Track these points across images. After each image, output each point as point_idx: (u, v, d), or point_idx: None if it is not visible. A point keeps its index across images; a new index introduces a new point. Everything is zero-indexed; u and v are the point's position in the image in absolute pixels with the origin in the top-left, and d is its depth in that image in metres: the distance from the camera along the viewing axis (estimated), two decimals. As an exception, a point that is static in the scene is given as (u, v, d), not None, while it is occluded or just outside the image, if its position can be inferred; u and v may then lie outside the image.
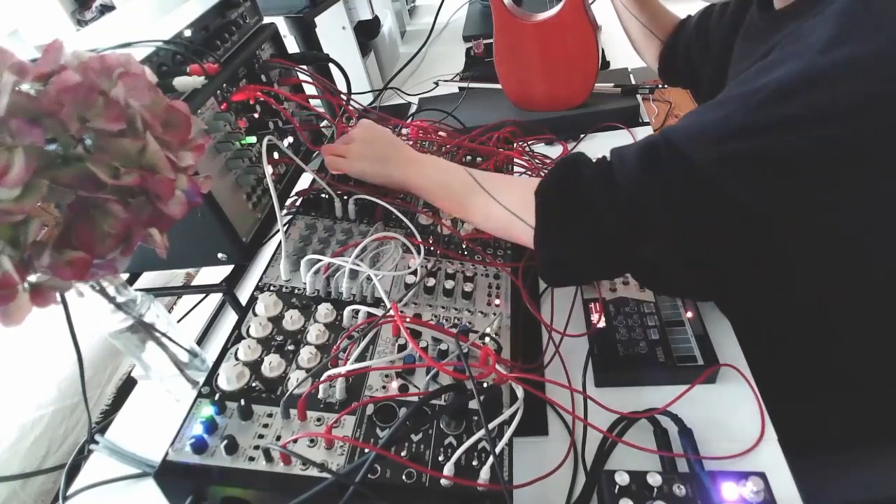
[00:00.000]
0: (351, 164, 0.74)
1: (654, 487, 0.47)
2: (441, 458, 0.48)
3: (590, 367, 0.64)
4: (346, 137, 0.77)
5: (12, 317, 0.36)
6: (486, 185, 0.63)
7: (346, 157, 0.74)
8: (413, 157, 0.73)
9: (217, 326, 0.82)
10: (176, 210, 0.43)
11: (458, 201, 0.68)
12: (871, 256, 0.56)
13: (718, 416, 0.58)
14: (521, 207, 0.59)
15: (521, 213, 0.58)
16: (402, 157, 0.73)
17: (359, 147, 0.74)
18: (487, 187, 0.63)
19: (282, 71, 0.85)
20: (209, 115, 0.66)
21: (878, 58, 0.43)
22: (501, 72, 1.07)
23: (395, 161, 0.73)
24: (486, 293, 0.66)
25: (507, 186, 0.64)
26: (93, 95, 0.37)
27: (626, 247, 0.51)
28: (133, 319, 0.57)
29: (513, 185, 0.67)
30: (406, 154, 0.74)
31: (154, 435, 0.63)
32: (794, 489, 0.51)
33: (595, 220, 0.52)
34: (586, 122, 1.05)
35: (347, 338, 0.57)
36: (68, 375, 0.74)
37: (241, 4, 0.77)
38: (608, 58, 1.24)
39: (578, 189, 0.54)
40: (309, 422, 0.50)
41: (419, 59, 1.45)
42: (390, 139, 0.76)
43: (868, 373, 0.68)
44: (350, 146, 0.75)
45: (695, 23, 0.91)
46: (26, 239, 0.36)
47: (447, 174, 0.70)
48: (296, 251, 0.66)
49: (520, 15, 0.99)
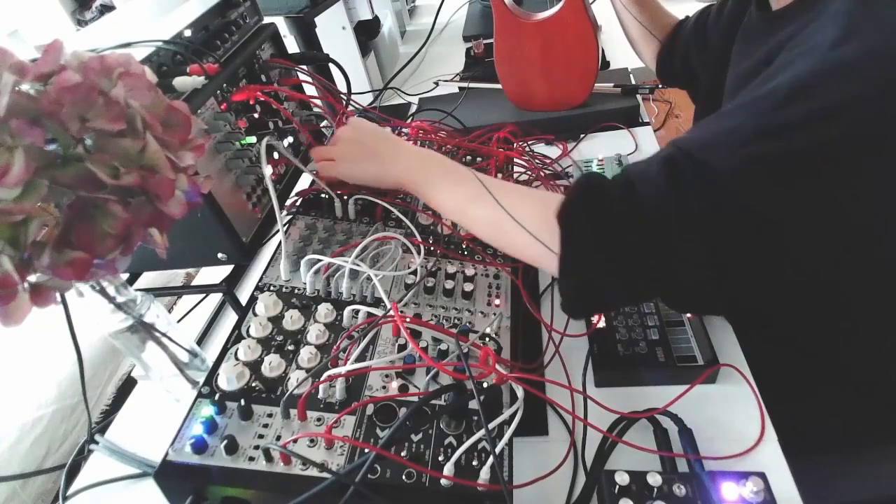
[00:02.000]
0: (337, 166, 0.71)
1: (654, 487, 0.47)
2: (441, 458, 0.48)
3: (590, 367, 0.64)
4: (333, 138, 0.74)
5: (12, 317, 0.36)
6: (499, 196, 0.58)
7: (334, 158, 0.71)
8: (409, 150, 0.69)
9: (217, 326, 0.82)
10: (176, 210, 0.43)
11: (458, 205, 0.63)
12: (880, 252, 0.56)
13: (718, 416, 0.58)
14: (538, 228, 0.54)
15: (540, 234, 0.53)
16: (394, 150, 0.69)
17: (345, 147, 0.71)
18: (499, 198, 0.57)
19: (282, 71, 0.85)
20: (209, 115, 0.66)
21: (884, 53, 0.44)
22: (501, 72, 1.07)
23: (386, 155, 0.68)
24: (486, 293, 0.66)
25: (521, 201, 0.58)
26: (93, 95, 0.37)
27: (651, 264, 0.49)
28: (133, 319, 0.57)
29: (526, 199, 0.59)
30: (400, 146, 0.69)
31: (154, 435, 0.63)
32: (794, 489, 0.51)
33: (620, 238, 0.49)
34: (586, 122, 1.06)
35: (347, 338, 0.57)
36: (68, 375, 0.74)
37: (241, 4, 0.77)
38: (608, 58, 1.24)
39: (602, 209, 0.50)
40: (309, 422, 0.50)
41: (419, 59, 1.45)
42: (380, 133, 0.72)
43: (868, 372, 0.68)
44: (336, 147, 0.72)
45: (693, 23, 0.92)
46: (26, 239, 0.36)
47: (450, 173, 0.65)
48: (296, 251, 0.66)
49: (520, 15, 0.99)
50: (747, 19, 0.68)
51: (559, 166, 0.94)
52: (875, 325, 0.64)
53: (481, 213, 0.59)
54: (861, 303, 0.62)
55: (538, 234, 0.53)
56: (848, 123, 0.44)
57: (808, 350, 0.68)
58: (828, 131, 0.44)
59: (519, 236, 0.55)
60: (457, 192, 0.63)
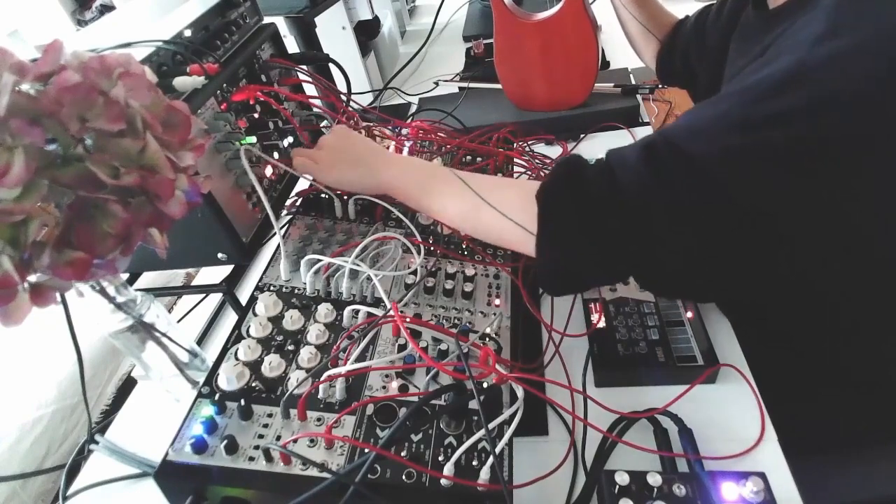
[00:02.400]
0: (320, 171, 0.70)
1: (654, 487, 0.47)
2: (441, 458, 0.48)
3: (590, 367, 0.64)
4: (318, 144, 0.73)
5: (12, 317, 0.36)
6: (476, 187, 0.59)
7: (318, 164, 0.70)
8: (390, 159, 0.70)
9: (217, 326, 0.82)
10: (176, 210, 0.43)
11: (442, 205, 0.63)
12: (876, 251, 0.56)
13: (718, 416, 0.58)
14: (516, 212, 0.55)
15: (518, 217, 0.55)
16: (377, 159, 0.69)
17: (328, 154, 0.70)
18: (477, 189, 0.59)
19: (282, 71, 0.85)
20: (209, 115, 0.66)
21: (866, 49, 0.44)
22: (501, 72, 1.07)
23: (369, 163, 0.69)
24: (486, 293, 0.66)
25: (499, 189, 0.60)
26: (93, 95, 0.37)
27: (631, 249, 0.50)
28: (133, 319, 0.57)
29: (504, 187, 0.63)
30: (382, 156, 0.70)
31: (154, 435, 0.63)
32: (794, 489, 0.51)
33: (600, 223, 0.50)
34: (586, 122, 1.05)
35: (347, 338, 0.57)
36: (68, 375, 0.74)
37: (241, 4, 0.77)
38: (608, 58, 1.24)
39: (582, 193, 0.52)
40: (309, 422, 0.50)
41: (419, 59, 1.45)
42: (364, 142, 0.72)
43: (868, 372, 0.68)
44: (319, 153, 0.71)
45: (692, 23, 0.92)
46: (26, 239, 0.36)
47: (430, 176, 0.65)
48: (296, 251, 0.66)
49: (520, 15, 0.99)
50: (745, 18, 0.68)
51: (559, 166, 0.94)
52: (875, 326, 0.64)
53: (461, 206, 0.61)
54: (860, 303, 0.62)
55: (516, 216, 0.55)
56: (830, 119, 0.44)
57: (807, 350, 0.68)
58: (802, 130, 0.44)
59: (498, 222, 0.56)
60: (441, 192, 0.63)
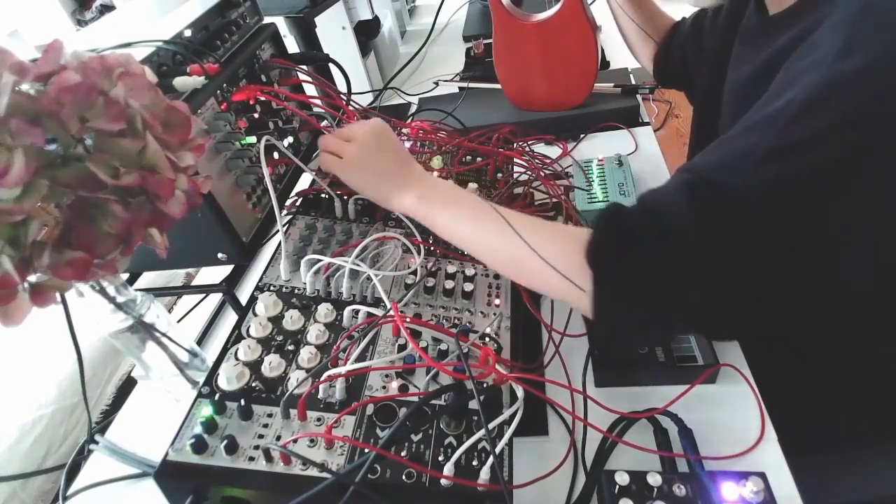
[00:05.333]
0: (343, 168, 0.64)
1: (654, 487, 0.47)
2: (441, 458, 0.48)
3: (590, 367, 0.64)
4: (347, 132, 0.65)
5: (12, 317, 0.36)
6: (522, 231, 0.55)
7: (343, 157, 0.64)
8: (423, 180, 0.63)
9: (217, 326, 0.82)
10: (176, 210, 0.43)
11: (477, 240, 0.59)
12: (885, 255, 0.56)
13: (718, 416, 0.58)
14: (567, 266, 0.52)
15: (568, 272, 0.52)
16: (408, 177, 0.63)
17: (356, 151, 0.63)
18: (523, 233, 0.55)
19: (282, 71, 0.85)
20: (209, 115, 0.66)
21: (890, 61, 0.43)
22: (501, 72, 1.07)
23: (398, 180, 0.62)
24: (486, 293, 0.66)
25: (544, 236, 0.55)
26: (93, 95, 0.37)
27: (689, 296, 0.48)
28: (133, 319, 0.57)
29: (548, 234, 0.57)
30: (415, 175, 0.63)
31: (154, 435, 0.63)
32: (794, 489, 0.51)
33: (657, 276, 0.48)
34: (586, 122, 1.05)
35: (347, 338, 0.57)
36: (68, 375, 0.74)
37: (241, 4, 0.77)
38: (608, 58, 1.24)
39: (635, 248, 0.49)
40: (309, 422, 0.50)
41: (419, 59, 1.45)
42: (396, 152, 0.64)
43: (868, 373, 0.68)
44: (349, 146, 0.64)
45: (689, 25, 0.91)
46: (26, 239, 0.36)
47: (467, 206, 0.60)
48: (296, 251, 0.66)
49: (519, 15, 0.99)
50: (746, 21, 0.68)
51: (559, 166, 0.94)
52: (875, 326, 0.64)
53: (503, 247, 0.57)
54: (861, 303, 0.62)
55: (567, 272, 0.52)
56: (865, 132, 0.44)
57: (807, 351, 0.68)
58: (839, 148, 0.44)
59: (545, 272, 0.53)
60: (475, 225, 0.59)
